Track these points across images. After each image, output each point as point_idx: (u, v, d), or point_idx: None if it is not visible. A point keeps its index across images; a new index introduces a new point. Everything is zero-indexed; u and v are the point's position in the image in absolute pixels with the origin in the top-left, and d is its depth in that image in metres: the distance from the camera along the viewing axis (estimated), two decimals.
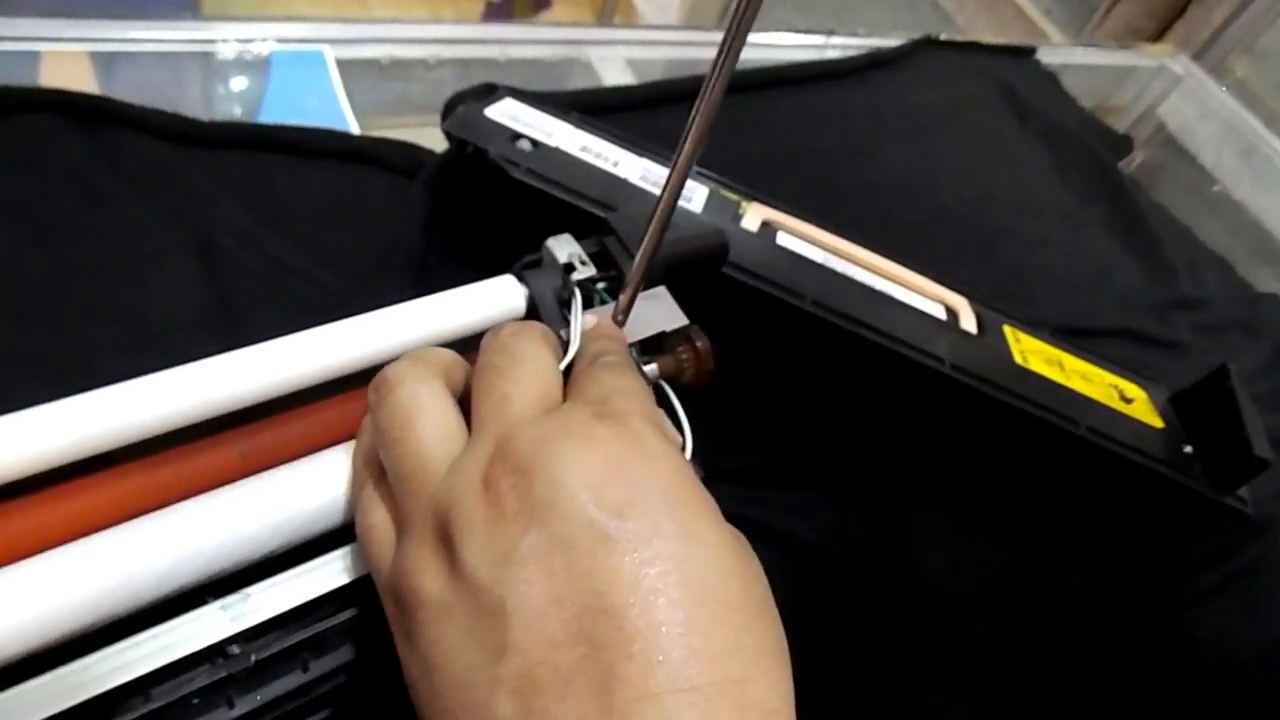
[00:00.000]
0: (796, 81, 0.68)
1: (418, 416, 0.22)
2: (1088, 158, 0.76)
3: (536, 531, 0.19)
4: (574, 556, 0.18)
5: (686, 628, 0.18)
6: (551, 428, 0.20)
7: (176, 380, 0.25)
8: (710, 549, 0.19)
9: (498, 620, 0.18)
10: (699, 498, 0.20)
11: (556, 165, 0.41)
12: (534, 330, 0.24)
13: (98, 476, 0.24)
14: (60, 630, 0.21)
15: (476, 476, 0.20)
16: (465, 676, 0.18)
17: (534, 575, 0.18)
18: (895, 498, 0.45)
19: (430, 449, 0.21)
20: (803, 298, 0.41)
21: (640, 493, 0.19)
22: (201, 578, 0.23)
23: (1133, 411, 0.45)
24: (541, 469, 0.19)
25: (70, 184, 0.40)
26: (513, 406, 0.21)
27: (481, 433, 0.21)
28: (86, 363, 0.36)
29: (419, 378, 0.23)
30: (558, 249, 0.29)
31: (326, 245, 0.43)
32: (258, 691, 0.23)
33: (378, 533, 0.22)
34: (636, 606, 0.18)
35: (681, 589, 0.18)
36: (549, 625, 0.18)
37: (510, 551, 0.19)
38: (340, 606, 0.23)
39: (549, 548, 0.18)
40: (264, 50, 0.52)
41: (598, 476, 0.19)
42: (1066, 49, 0.92)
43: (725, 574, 0.19)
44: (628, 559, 0.18)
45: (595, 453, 0.20)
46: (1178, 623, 0.46)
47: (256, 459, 0.25)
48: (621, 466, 0.20)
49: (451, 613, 0.19)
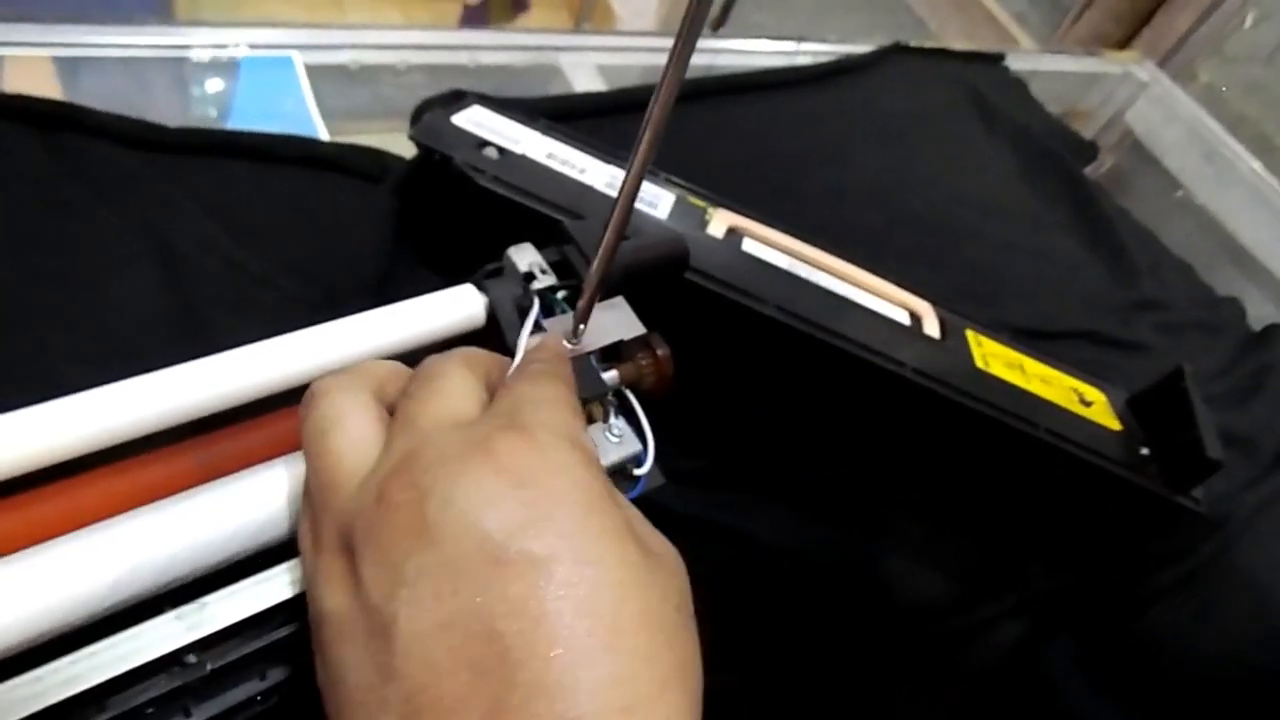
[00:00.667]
0: (765, 87, 0.69)
1: (333, 430, 0.21)
2: (1054, 163, 0.77)
3: (426, 551, 0.18)
4: (463, 579, 0.18)
5: (574, 656, 0.17)
6: (453, 442, 0.20)
7: (133, 390, 0.25)
8: (609, 572, 0.19)
9: (387, 641, 0.18)
10: (602, 514, 0.20)
11: (522, 173, 0.41)
12: (455, 354, 0.24)
13: (53, 486, 0.24)
14: (12, 639, 0.21)
15: (374, 491, 0.20)
16: (359, 695, 0.18)
17: (422, 596, 0.18)
18: (861, 500, 0.46)
19: (340, 462, 0.21)
20: (766, 303, 0.41)
21: (537, 512, 0.19)
22: (157, 586, 0.23)
23: (1091, 414, 0.46)
24: (434, 485, 0.19)
25: (31, 191, 0.40)
26: (417, 423, 0.21)
27: (387, 450, 0.21)
28: (48, 371, 0.35)
29: (342, 390, 0.22)
30: (518, 258, 0.30)
31: (291, 252, 0.43)
32: (214, 700, 0.23)
33: (305, 543, 0.22)
34: (524, 633, 0.17)
35: (572, 615, 0.18)
36: (434, 650, 0.17)
37: (401, 570, 0.18)
38: (295, 615, 0.23)
39: (438, 569, 0.18)
40: (233, 55, 0.52)
41: (492, 494, 0.19)
42: (1035, 55, 0.93)
43: (621, 597, 0.18)
44: (517, 583, 0.18)
45: (492, 468, 0.19)
46: (1137, 621, 0.47)
47: (214, 467, 0.25)
48: (518, 483, 0.19)
49: (350, 628, 0.19)
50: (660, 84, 0.23)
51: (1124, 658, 0.45)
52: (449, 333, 0.29)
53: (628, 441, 0.28)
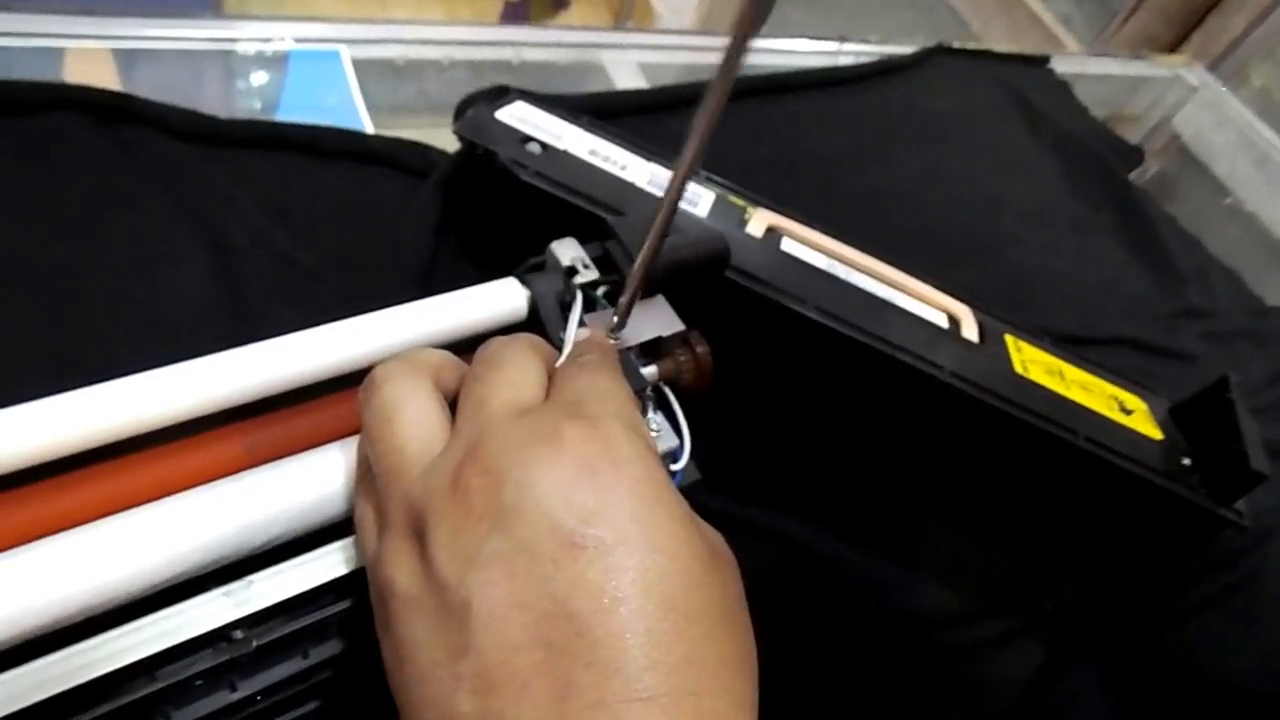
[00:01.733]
0: (807, 87, 0.69)
1: (397, 415, 0.22)
2: (1098, 167, 0.76)
3: (501, 534, 0.19)
4: (537, 562, 0.18)
5: (646, 638, 0.18)
6: (522, 430, 0.20)
7: (184, 374, 0.26)
8: (675, 559, 0.19)
9: (461, 619, 0.18)
10: (669, 504, 0.20)
11: (565, 168, 0.42)
12: (520, 340, 0.24)
13: (107, 465, 0.25)
14: (70, 611, 0.22)
15: (448, 476, 0.20)
16: (430, 671, 0.19)
17: (497, 578, 0.18)
18: (895, 503, 0.45)
19: (406, 446, 0.22)
20: (805, 303, 0.41)
21: (607, 499, 0.19)
22: (206, 564, 0.23)
23: (1132, 422, 0.46)
24: (509, 471, 0.19)
25: (88, 181, 0.41)
26: (486, 408, 0.22)
27: (457, 435, 0.21)
28: (100, 357, 0.36)
29: (403, 376, 0.23)
30: (561, 252, 0.30)
31: (337, 244, 0.44)
32: (259, 676, 0.24)
33: (365, 524, 0.23)
34: (597, 614, 0.18)
35: (643, 599, 0.18)
36: (510, 628, 0.18)
37: (475, 552, 0.19)
38: (340, 595, 0.24)
39: (513, 551, 0.19)
40: (282, 49, 0.53)
41: (565, 481, 0.19)
42: (1080, 58, 0.91)
43: (689, 584, 0.19)
44: (591, 567, 0.18)
45: (563, 456, 0.20)
46: (1176, 633, 0.46)
47: (261, 452, 0.26)
48: (589, 471, 0.20)
49: (420, 607, 0.19)
50: (712, 84, 0.23)
51: (1158, 671, 0.45)
52: (492, 324, 0.29)
53: (665, 436, 0.28)
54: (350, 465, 0.25)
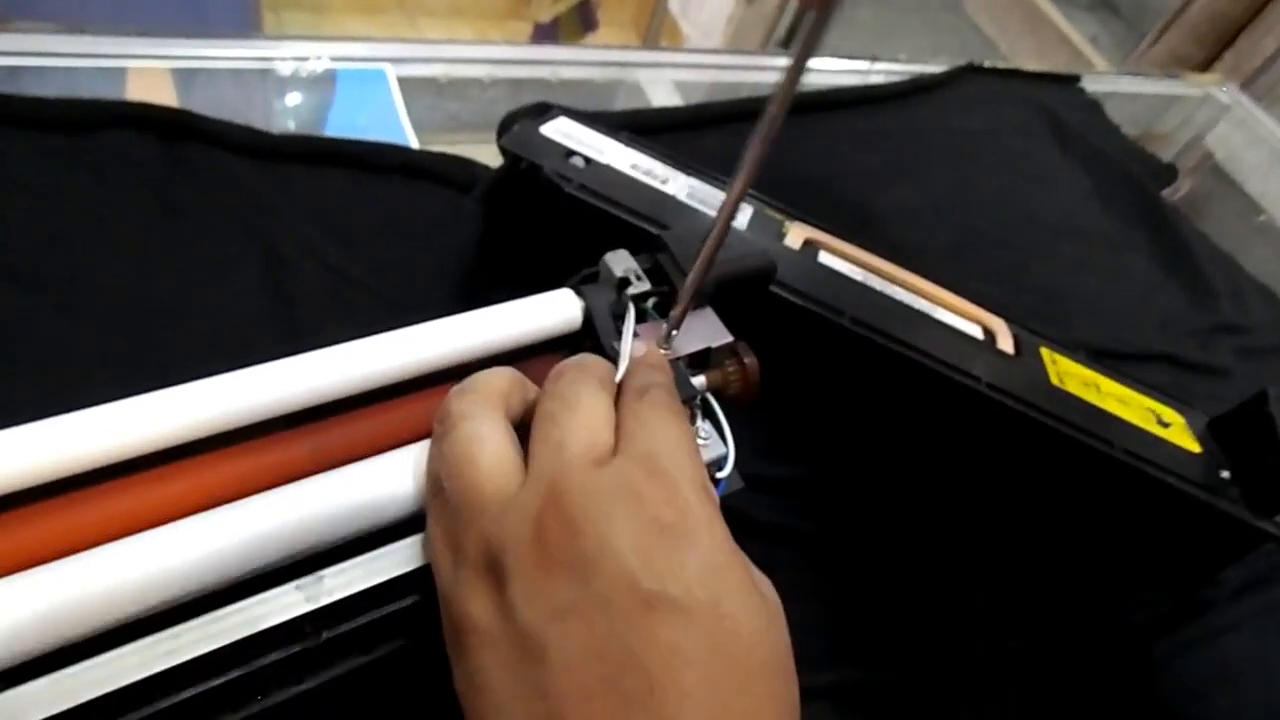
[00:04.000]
0: (839, 105, 0.70)
1: (475, 457, 0.23)
2: (1130, 185, 0.76)
3: (581, 586, 0.20)
4: (614, 616, 0.20)
5: (711, 696, 0.19)
6: (604, 484, 0.21)
7: (252, 379, 0.27)
8: (740, 622, 0.20)
9: (538, 662, 0.20)
10: (737, 568, 0.21)
11: (608, 182, 0.43)
12: (589, 377, 0.25)
13: (185, 463, 0.26)
14: (148, 603, 0.23)
15: (528, 520, 0.21)
16: (506, 705, 0.20)
17: (575, 628, 0.20)
18: (933, 513, 0.46)
19: (484, 486, 0.22)
20: (842, 315, 0.42)
21: (682, 563, 0.20)
22: (276, 560, 0.24)
23: (1169, 435, 0.46)
24: (591, 525, 0.20)
25: (149, 195, 0.43)
26: (564, 455, 0.22)
27: (534, 480, 0.22)
28: (162, 362, 0.38)
29: (479, 415, 0.24)
30: (614, 264, 0.31)
31: (384, 256, 0.45)
32: (326, 670, 0.25)
33: (438, 546, 0.24)
34: (668, 671, 0.19)
35: (710, 660, 0.19)
36: (586, 676, 0.19)
37: (555, 600, 0.20)
38: (407, 591, 0.25)
39: (591, 604, 0.20)
40: (330, 68, 0.55)
41: (644, 542, 0.20)
42: (1111, 77, 0.92)
43: (753, 645, 0.20)
44: (664, 625, 0.19)
45: (643, 516, 0.21)
46: (1215, 647, 0.46)
47: (324, 455, 0.27)
48: (667, 534, 0.21)
49: (496, 644, 0.21)
50: (769, 106, 0.24)
51: (1201, 684, 0.45)
52: (547, 334, 0.30)
53: (713, 445, 0.29)
54: (412, 470, 0.26)
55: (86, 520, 0.24)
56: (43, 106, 0.43)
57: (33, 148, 0.41)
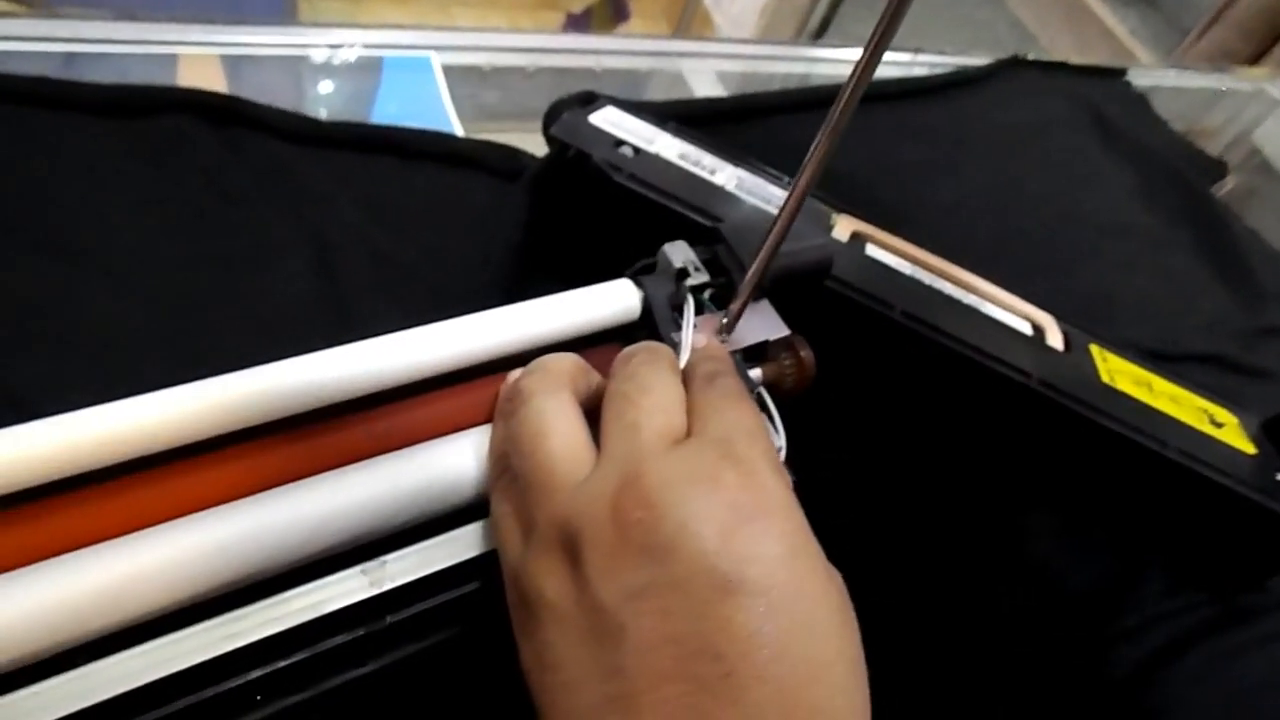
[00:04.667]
0: (882, 98, 0.69)
1: (548, 433, 0.23)
2: (1177, 181, 0.74)
3: (659, 568, 0.20)
4: (692, 601, 0.19)
5: (785, 683, 0.19)
6: (680, 467, 0.21)
7: (314, 364, 0.27)
8: (817, 608, 0.20)
9: (614, 643, 0.20)
10: (812, 554, 0.21)
11: (656, 172, 0.43)
12: (662, 361, 0.25)
13: (245, 446, 0.26)
14: (209, 584, 0.23)
15: (605, 502, 0.21)
16: (578, 684, 0.20)
17: (652, 610, 0.20)
18: (980, 509, 0.45)
19: (557, 465, 0.22)
20: (893, 308, 0.41)
21: (761, 547, 0.20)
22: (336, 543, 0.24)
23: (1223, 436, 0.45)
24: (670, 509, 0.20)
25: (201, 179, 0.43)
26: (641, 436, 0.22)
27: (610, 460, 0.22)
28: (214, 345, 0.38)
29: (550, 392, 0.24)
30: (673, 255, 0.31)
31: (431, 243, 0.45)
32: (387, 655, 0.25)
33: (506, 523, 0.24)
34: (745, 658, 0.19)
35: (787, 646, 0.19)
36: (661, 660, 0.19)
37: (633, 583, 0.20)
38: (470, 577, 0.25)
39: (669, 587, 0.20)
40: (376, 55, 0.55)
41: (722, 526, 0.20)
42: (1158, 71, 0.90)
43: (828, 633, 0.20)
44: (742, 612, 0.19)
45: (722, 500, 0.21)
46: (1265, 653, 0.45)
47: (384, 440, 0.27)
48: (745, 518, 0.20)
49: (569, 622, 0.20)
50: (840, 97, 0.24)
51: (1252, 687, 0.44)
52: (605, 324, 0.30)
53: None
54: (472, 457, 0.26)
55: (150, 501, 0.24)
56: (99, 91, 0.43)
57: (90, 132, 0.42)
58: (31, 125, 0.42)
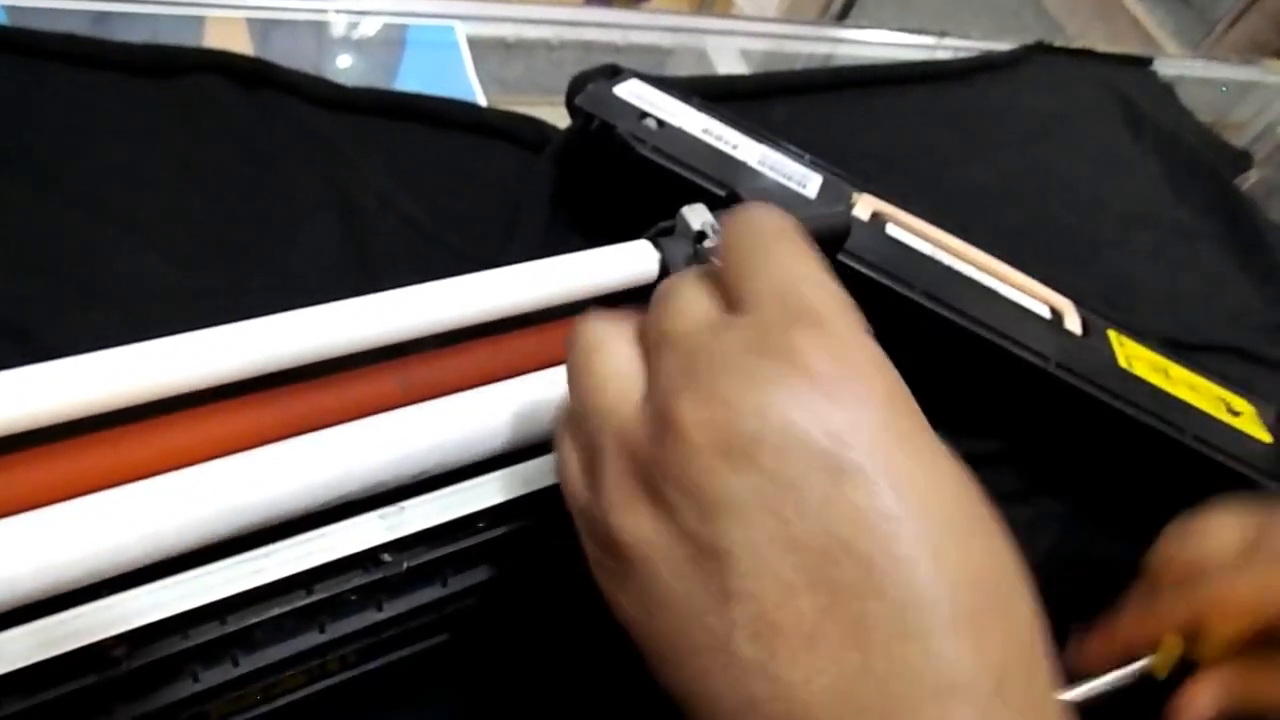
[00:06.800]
0: (907, 81, 0.69)
1: (598, 351, 0.21)
2: (1204, 171, 0.74)
3: (749, 470, 0.17)
4: (799, 495, 0.17)
5: (933, 560, 0.16)
6: (736, 345, 0.18)
7: (344, 311, 0.27)
8: (941, 471, 0.18)
9: (717, 565, 0.17)
10: (917, 415, 0.18)
11: (681, 144, 0.43)
12: (686, 271, 0.23)
13: (275, 392, 0.26)
14: (238, 523, 0.23)
15: (668, 413, 0.18)
16: (695, 619, 0.17)
17: (755, 518, 0.17)
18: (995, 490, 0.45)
19: (608, 385, 0.20)
20: (913, 288, 0.42)
21: (863, 414, 0.17)
22: (362, 490, 0.25)
23: (1241, 424, 0.45)
24: (741, 397, 0.17)
25: (230, 140, 0.44)
26: (675, 334, 0.19)
27: (656, 370, 0.19)
28: (240, 304, 0.38)
29: (606, 319, 0.22)
30: (692, 217, 0.31)
31: (456, 210, 0.46)
32: (403, 598, 0.26)
33: (570, 467, 0.21)
34: (879, 544, 0.16)
35: (922, 517, 0.17)
36: (782, 570, 0.16)
37: (722, 493, 0.17)
38: (491, 524, 0.25)
39: (768, 488, 0.17)
40: (401, 23, 0.56)
41: (810, 400, 0.17)
42: (1186, 60, 0.89)
43: (959, 495, 0.18)
44: (860, 493, 0.16)
45: (800, 370, 0.17)
46: None
47: (413, 391, 0.27)
48: (836, 384, 0.17)
49: (665, 556, 0.18)
50: None
51: None
52: (623, 285, 0.30)
53: None
54: (495, 410, 0.26)
55: (181, 441, 0.24)
56: (129, 50, 0.43)
57: (120, 90, 0.42)
58: (61, 82, 0.42)
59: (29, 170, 0.39)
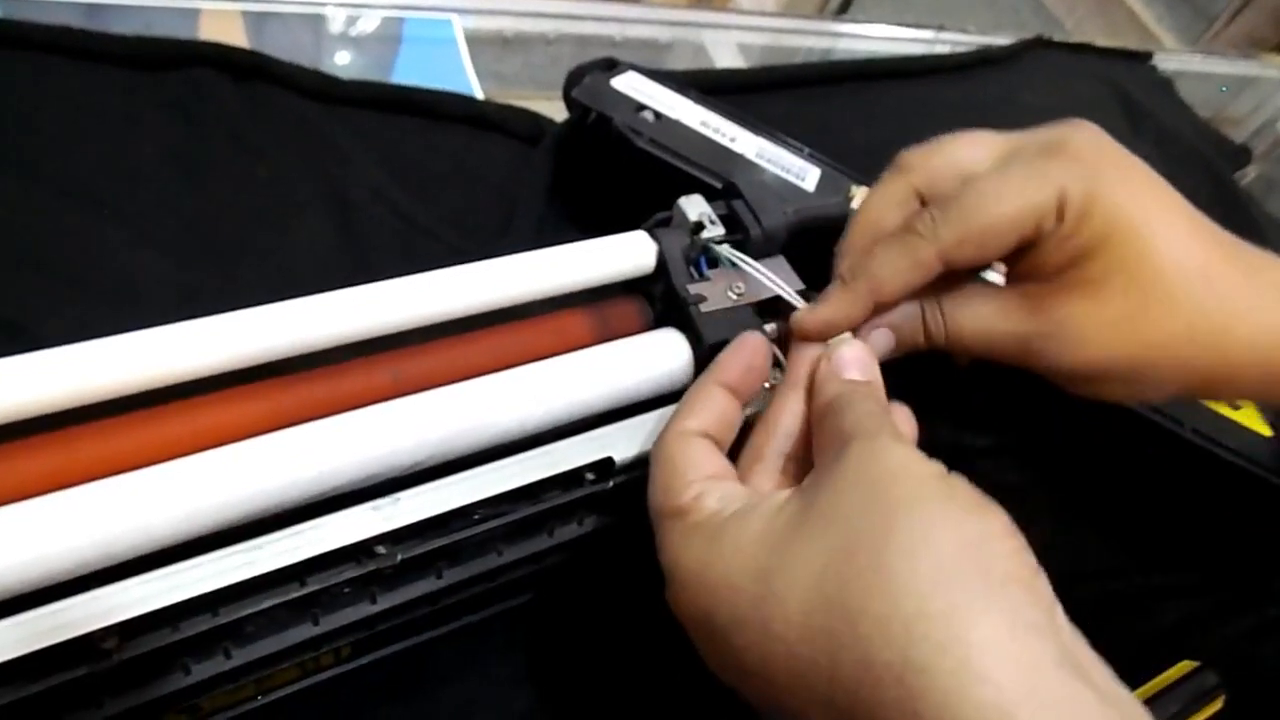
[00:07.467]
0: (905, 75, 0.68)
1: None
2: (1202, 166, 0.74)
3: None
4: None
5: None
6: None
7: (335, 301, 0.27)
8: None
9: None
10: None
11: (677, 137, 0.42)
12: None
13: (267, 383, 0.26)
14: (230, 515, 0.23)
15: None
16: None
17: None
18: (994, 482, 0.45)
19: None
20: None
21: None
22: (356, 481, 0.25)
23: (1241, 418, 0.45)
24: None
25: (223, 133, 0.43)
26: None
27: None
28: (235, 295, 0.38)
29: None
30: (689, 208, 0.31)
31: (451, 204, 0.45)
32: (397, 591, 0.25)
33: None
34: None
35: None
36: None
37: None
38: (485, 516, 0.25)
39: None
40: (397, 16, 0.55)
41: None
42: (1185, 55, 0.89)
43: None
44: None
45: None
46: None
47: (406, 383, 0.27)
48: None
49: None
50: None
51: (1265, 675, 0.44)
52: (621, 275, 0.30)
53: None
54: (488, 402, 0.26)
55: (172, 432, 0.24)
56: (123, 42, 0.43)
57: (115, 83, 0.42)
58: (55, 74, 0.42)
59: (21, 163, 0.38)
